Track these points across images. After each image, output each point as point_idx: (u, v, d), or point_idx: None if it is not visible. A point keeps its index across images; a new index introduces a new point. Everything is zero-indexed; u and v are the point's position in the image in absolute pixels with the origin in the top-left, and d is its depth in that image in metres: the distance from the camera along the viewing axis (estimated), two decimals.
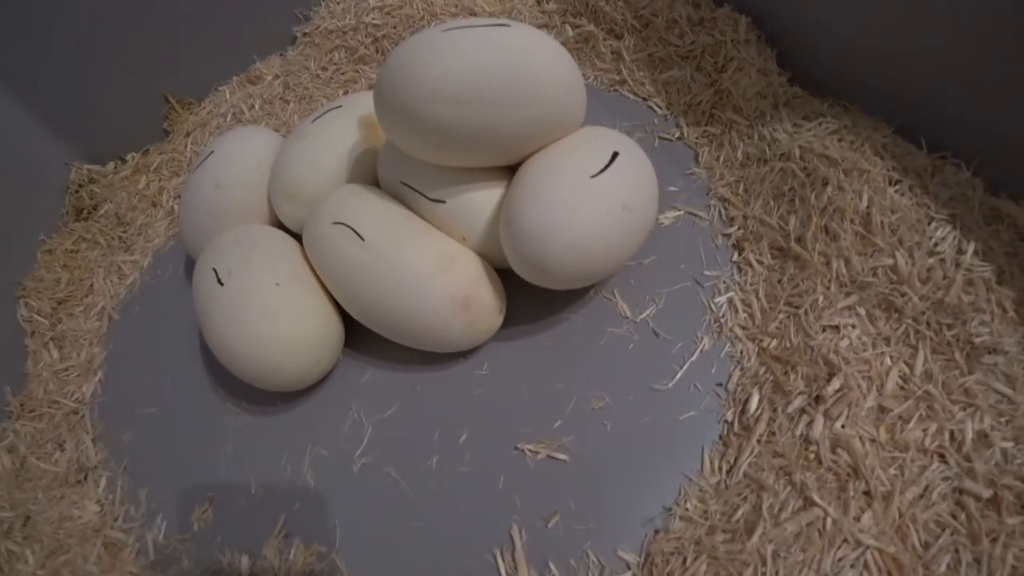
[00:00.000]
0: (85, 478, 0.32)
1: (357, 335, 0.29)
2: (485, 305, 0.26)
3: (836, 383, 0.24)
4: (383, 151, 0.29)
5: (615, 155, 0.25)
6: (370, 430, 0.28)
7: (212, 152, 0.32)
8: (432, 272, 0.25)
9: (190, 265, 0.38)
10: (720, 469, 0.25)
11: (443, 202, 0.27)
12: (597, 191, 0.24)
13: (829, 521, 0.22)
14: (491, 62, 0.23)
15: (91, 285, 0.39)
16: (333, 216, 0.27)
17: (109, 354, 0.36)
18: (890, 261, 0.26)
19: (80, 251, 0.40)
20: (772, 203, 0.30)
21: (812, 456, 0.24)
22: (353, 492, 0.26)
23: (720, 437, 0.25)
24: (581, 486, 0.25)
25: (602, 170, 0.25)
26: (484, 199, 0.27)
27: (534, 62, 0.24)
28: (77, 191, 0.41)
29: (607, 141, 0.26)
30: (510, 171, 0.28)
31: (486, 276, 0.27)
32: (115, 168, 0.43)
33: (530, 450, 0.26)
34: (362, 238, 0.26)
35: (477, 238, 0.27)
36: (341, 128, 0.31)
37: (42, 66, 0.40)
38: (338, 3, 0.43)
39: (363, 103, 0.32)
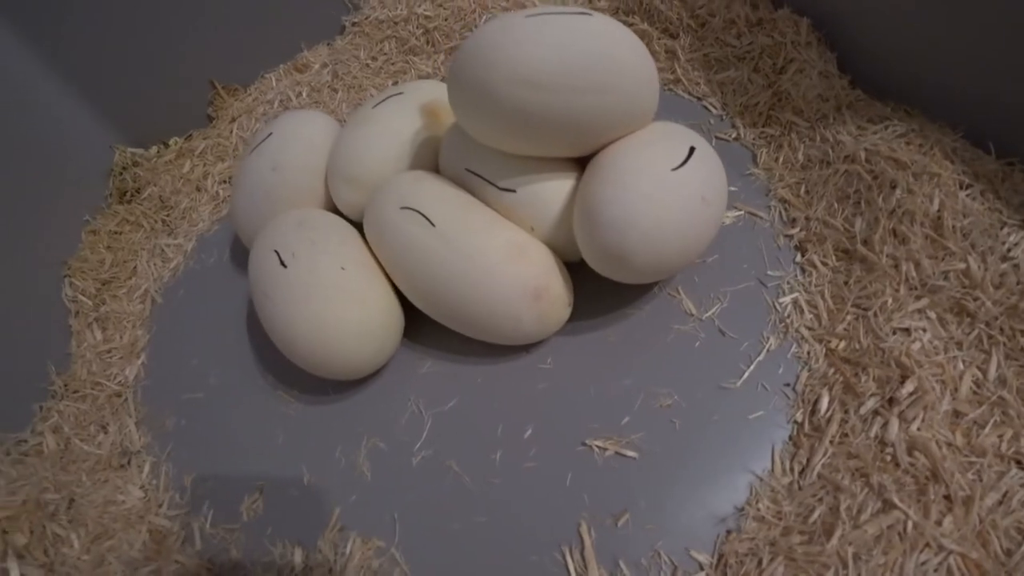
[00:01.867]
0: (128, 462, 0.30)
1: (415, 324, 0.28)
2: (556, 297, 0.25)
3: (910, 386, 0.23)
4: (447, 137, 0.28)
5: (692, 149, 0.24)
6: (430, 423, 0.26)
7: (271, 134, 0.30)
8: (504, 261, 0.24)
9: (236, 250, 0.36)
10: (792, 470, 0.24)
11: (513, 191, 0.25)
12: (678, 183, 0.23)
13: (910, 524, 0.20)
14: (575, 48, 0.22)
15: (134, 268, 0.37)
16: (401, 201, 0.25)
17: (152, 337, 0.34)
18: (962, 265, 0.25)
19: (124, 233, 0.38)
20: (836, 205, 0.29)
21: (889, 458, 0.22)
22: (413, 486, 0.25)
23: (790, 437, 0.24)
24: (650, 484, 0.24)
25: (682, 163, 0.23)
26: (554, 190, 0.25)
27: (616, 51, 0.23)
28: (121, 173, 0.39)
29: (682, 135, 0.25)
30: (578, 163, 0.26)
31: (557, 268, 0.25)
32: (158, 152, 0.42)
33: (598, 446, 0.24)
34: (432, 224, 0.24)
35: (546, 229, 0.25)
36: (403, 114, 0.29)
37: (90, 49, 0.38)
38: None
39: (424, 90, 0.30)
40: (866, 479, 0.22)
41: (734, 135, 0.33)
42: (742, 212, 0.30)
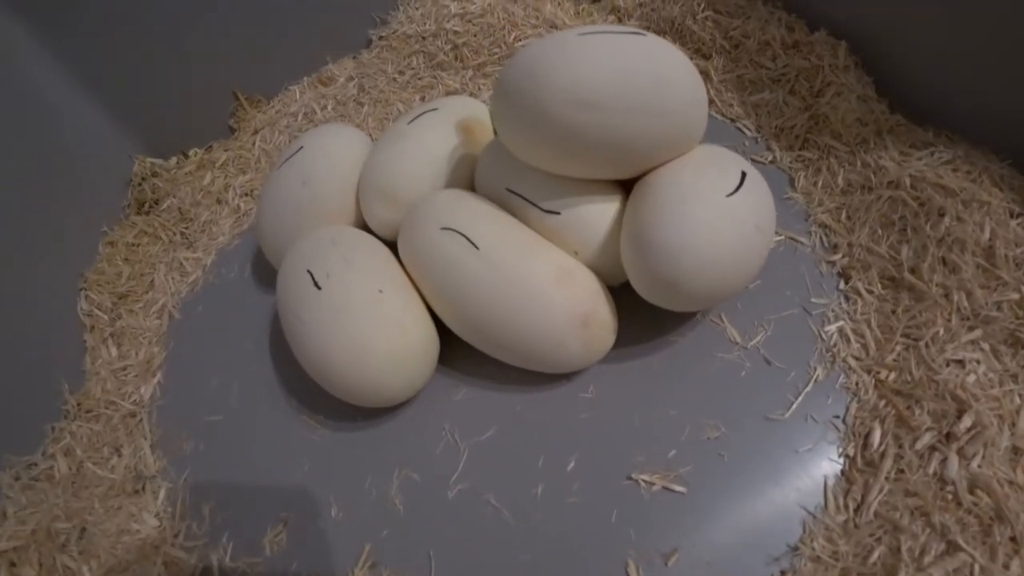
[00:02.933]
0: (143, 488, 0.28)
1: (448, 349, 0.26)
2: (603, 323, 0.23)
3: (968, 420, 0.22)
4: (485, 156, 0.27)
5: (744, 175, 0.23)
6: (466, 453, 0.25)
7: (301, 147, 0.29)
8: (552, 286, 0.22)
9: (257, 265, 0.35)
10: (846, 507, 0.22)
11: (558, 213, 0.24)
12: (732, 210, 0.22)
13: (977, 568, 0.19)
14: (629, 68, 0.21)
15: (152, 281, 0.35)
16: (441, 221, 0.24)
17: (169, 354, 0.33)
18: (1016, 295, 0.24)
19: (141, 245, 0.36)
20: (880, 232, 0.28)
21: (950, 496, 0.21)
22: (449, 520, 0.23)
23: (842, 472, 0.23)
24: (700, 521, 0.22)
25: (736, 189, 0.22)
26: (599, 212, 0.24)
27: (671, 73, 0.22)
28: (140, 184, 0.38)
29: (732, 160, 0.24)
30: (622, 186, 0.25)
31: (603, 293, 0.24)
32: (177, 163, 0.40)
33: (645, 480, 0.23)
34: (476, 246, 0.23)
35: (590, 253, 0.24)
36: (438, 131, 0.28)
37: (111, 57, 0.37)
38: (417, 8, 0.40)
39: (459, 107, 0.29)
40: (927, 518, 0.21)
41: (770, 158, 0.32)
42: (782, 237, 0.29)
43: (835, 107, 0.31)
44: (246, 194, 0.37)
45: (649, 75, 0.21)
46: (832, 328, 0.26)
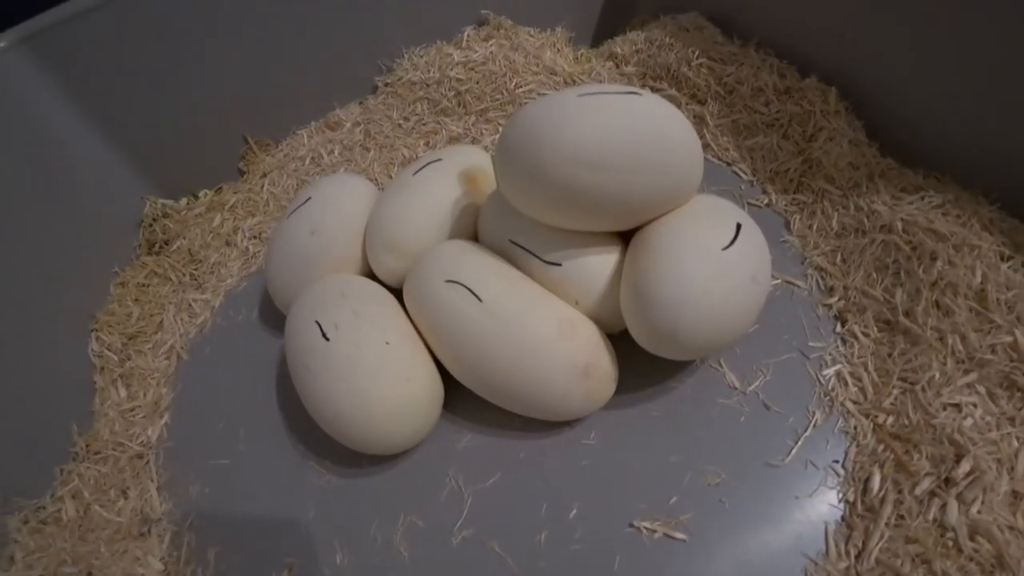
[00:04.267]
0: (148, 531, 0.28)
1: (452, 396, 0.27)
2: (605, 373, 0.24)
3: (966, 465, 0.22)
4: (488, 207, 0.28)
5: (739, 226, 0.23)
6: (470, 500, 0.25)
7: (310, 198, 0.30)
8: (555, 338, 0.23)
9: (265, 308, 0.35)
10: (847, 553, 0.22)
11: (559, 265, 0.25)
12: (729, 263, 0.22)
13: None
14: (630, 129, 0.22)
15: (161, 322, 0.36)
16: (445, 273, 0.25)
17: (176, 396, 0.33)
18: (1009, 338, 0.24)
19: (151, 285, 0.37)
20: (875, 275, 0.28)
21: (950, 543, 0.21)
22: (453, 567, 0.23)
23: (843, 518, 0.23)
24: (702, 568, 0.22)
25: (731, 242, 0.23)
26: (600, 263, 0.25)
27: (669, 131, 0.23)
28: (151, 225, 0.39)
29: (727, 211, 0.24)
30: (621, 236, 0.26)
31: (604, 344, 0.24)
32: (187, 204, 0.41)
33: (646, 528, 0.23)
34: (480, 299, 0.23)
35: (591, 303, 0.25)
36: (442, 181, 0.29)
37: (124, 100, 0.38)
38: (421, 56, 0.42)
39: (462, 156, 0.30)
40: (928, 566, 0.21)
41: (766, 201, 0.33)
42: (779, 280, 0.29)
43: (827, 151, 0.32)
44: (254, 236, 0.38)
45: (648, 135, 0.22)
46: (830, 372, 0.26)
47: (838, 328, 0.28)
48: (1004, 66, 0.27)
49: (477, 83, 0.39)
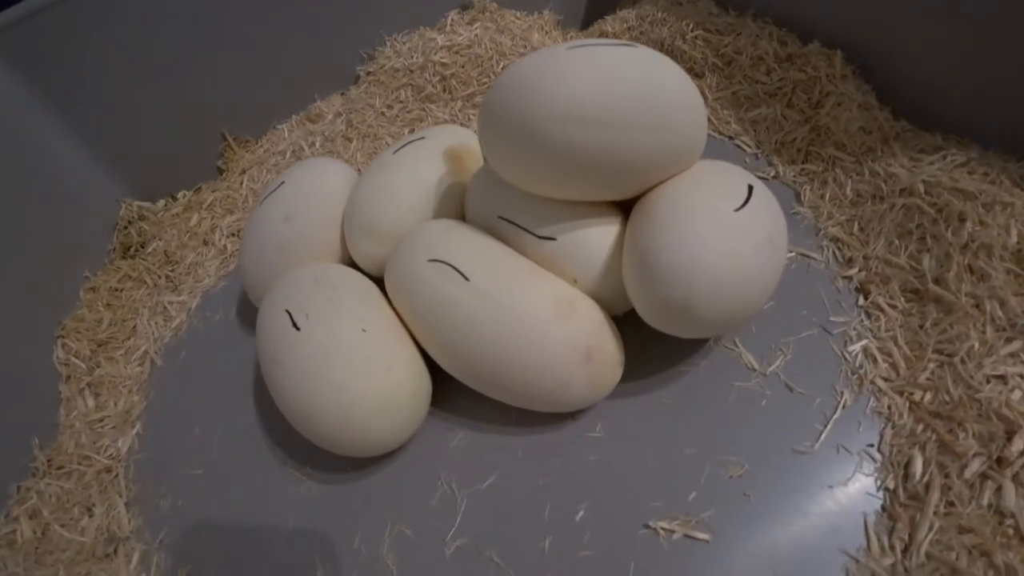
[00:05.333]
0: (115, 551, 0.25)
1: (442, 390, 0.24)
2: (609, 357, 0.21)
3: (1020, 442, 0.20)
4: (475, 183, 0.25)
5: (751, 187, 0.21)
6: (464, 505, 0.22)
7: (283, 183, 0.27)
8: (551, 319, 0.20)
9: (243, 307, 0.33)
10: (892, 548, 0.19)
11: (553, 239, 0.22)
12: (743, 225, 0.20)
13: None
14: (624, 80, 0.19)
15: (134, 327, 0.33)
16: (428, 252, 0.22)
17: (149, 404, 0.30)
18: None
19: (125, 290, 0.34)
20: (898, 242, 0.25)
21: (1011, 531, 0.18)
22: None
23: (883, 508, 0.20)
24: (728, 572, 0.19)
25: (744, 203, 0.20)
26: (599, 237, 0.22)
27: (668, 83, 0.20)
28: (126, 227, 0.36)
29: (736, 173, 0.22)
30: (620, 207, 0.23)
31: (607, 324, 0.22)
32: (165, 205, 0.39)
33: (663, 528, 0.20)
34: (466, 278, 0.21)
35: (591, 280, 0.22)
36: (425, 160, 0.26)
37: (97, 100, 0.36)
38: (404, 43, 0.39)
39: (446, 135, 0.28)
40: (988, 558, 0.18)
41: (772, 173, 0.30)
42: (793, 254, 0.27)
43: (836, 117, 0.29)
44: (233, 234, 0.36)
45: (645, 86, 0.20)
46: (856, 348, 0.24)
47: (860, 301, 0.25)
48: (1019, 16, 0.24)
49: (463, 67, 0.36)
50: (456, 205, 0.26)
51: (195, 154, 0.40)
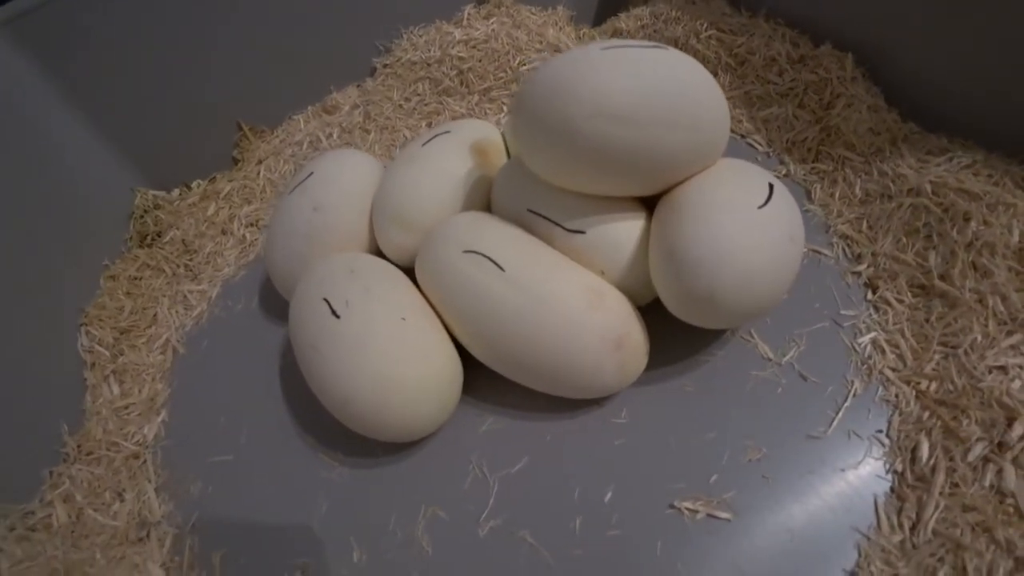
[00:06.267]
0: (147, 535, 0.26)
1: (471, 376, 0.25)
2: (637, 345, 0.22)
3: (1019, 428, 0.21)
4: (503, 176, 0.26)
5: (771, 186, 0.22)
6: (496, 487, 0.23)
7: (312, 173, 0.28)
8: (583, 308, 0.21)
9: (265, 296, 0.33)
10: (901, 526, 0.21)
11: (583, 232, 0.23)
12: (766, 222, 0.21)
13: None
14: (656, 81, 0.20)
15: (155, 315, 0.33)
16: (463, 244, 0.23)
17: (173, 391, 0.31)
18: None
19: (144, 278, 0.35)
20: (905, 239, 0.27)
21: (1011, 510, 0.20)
22: (482, 561, 0.21)
23: (892, 489, 0.21)
24: (750, 549, 0.20)
25: (766, 201, 0.21)
26: (626, 230, 0.23)
27: (697, 85, 0.21)
28: (142, 216, 0.36)
29: (757, 172, 0.23)
30: (644, 202, 0.24)
31: (634, 314, 0.22)
32: (180, 195, 0.39)
33: (688, 508, 0.21)
34: (501, 268, 0.21)
35: (618, 272, 0.23)
36: (451, 153, 0.27)
37: (114, 90, 0.36)
38: (421, 36, 0.40)
39: (471, 129, 0.28)
40: (990, 534, 0.19)
41: (784, 172, 0.31)
42: (805, 250, 0.28)
43: (846, 118, 0.30)
44: (251, 224, 0.36)
45: (677, 88, 0.20)
46: (865, 340, 0.25)
47: (869, 296, 0.26)
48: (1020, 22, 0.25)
49: (479, 61, 0.37)
50: (482, 197, 0.27)
51: (210, 144, 0.40)
